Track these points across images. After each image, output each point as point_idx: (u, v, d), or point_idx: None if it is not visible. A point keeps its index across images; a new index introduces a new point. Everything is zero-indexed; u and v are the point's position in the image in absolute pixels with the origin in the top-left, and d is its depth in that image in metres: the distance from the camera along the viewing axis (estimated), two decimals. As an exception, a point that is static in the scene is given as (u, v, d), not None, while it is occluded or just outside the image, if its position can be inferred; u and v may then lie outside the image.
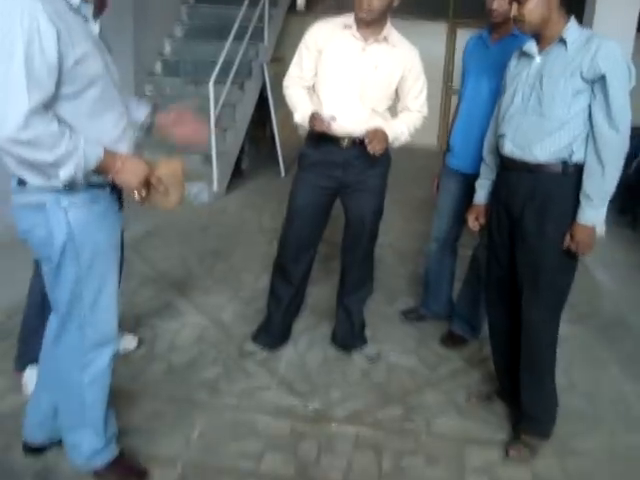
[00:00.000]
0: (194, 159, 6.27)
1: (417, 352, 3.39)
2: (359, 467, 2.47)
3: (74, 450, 2.24)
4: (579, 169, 2.32)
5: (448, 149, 3.42)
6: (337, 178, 2.96)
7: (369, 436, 2.66)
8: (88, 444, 2.20)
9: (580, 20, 5.53)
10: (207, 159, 6.28)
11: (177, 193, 2.07)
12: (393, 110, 3.07)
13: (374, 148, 2.75)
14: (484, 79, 3.15)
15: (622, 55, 2.22)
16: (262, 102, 7.60)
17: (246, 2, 6.78)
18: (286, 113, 8.41)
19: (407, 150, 3.40)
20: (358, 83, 2.85)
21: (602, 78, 2.20)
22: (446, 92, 10.16)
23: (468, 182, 3.13)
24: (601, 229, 5.71)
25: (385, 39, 2.85)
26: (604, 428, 2.80)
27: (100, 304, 2.05)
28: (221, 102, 6.26)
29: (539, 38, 2.38)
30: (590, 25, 5.48)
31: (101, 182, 1.93)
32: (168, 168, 2.05)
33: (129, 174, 1.91)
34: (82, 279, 1.98)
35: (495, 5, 3.00)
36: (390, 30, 2.86)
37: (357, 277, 3.21)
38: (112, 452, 2.28)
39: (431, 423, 2.77)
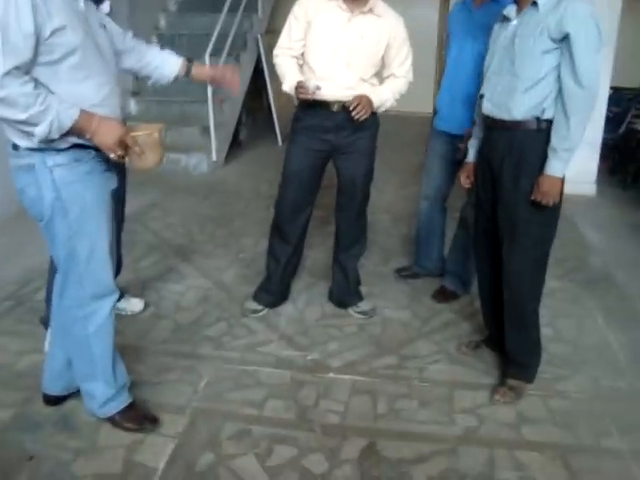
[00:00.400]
0: (192, 131, 6.41)
1: (410, 307, 3.56)
2: (356, 410, 2.64)
3: (89, 398, 2.43)
4: (551, 125, 2.46)
5: (435, 112, 3.56)
6: (329, 141, 3.10)
7: (364, 383, 2.83)
8: (101, 393, 2.39)
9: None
10: (205, 130, 6.41)
11: (153, 155, 2.22)
12: (380, 76, 3.19)
13: (359, 114, 2.89)
14: (467, 43, 3.28)
15: (590, 15, 2.32)
16: (257, 74, 7.71)
17: (239, -26, 6.84)
18: (281, 84, 8.50)
19: (403, 117, 3.55)
20: (345, 52, 2.97)
21: (567, 37, 2.31)
22: (440, 60, 10.22)
23: (454, 142, 3.28)
24: (591, 188, 5.88)
25: (370, 10, 2.96)
26: (587, 373, 2.97)
27: (95, 258, 2.20)
28: (218, 74, 6.34)
29: (519, 2, 2.51)
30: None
31: (84, 143, 2.07)
32: (145, 130, 2.20)
33: (104, 135, 2.03)
34: (74, 235, 2.14)
35: None
36: (376, 1, 2.98)
37: (351, 235, 3.36)
38: (125, 400, 2.46)
39: (423, 370, 2.94)
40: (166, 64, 2.51)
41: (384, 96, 3.07)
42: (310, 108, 3.03)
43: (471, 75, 3.14)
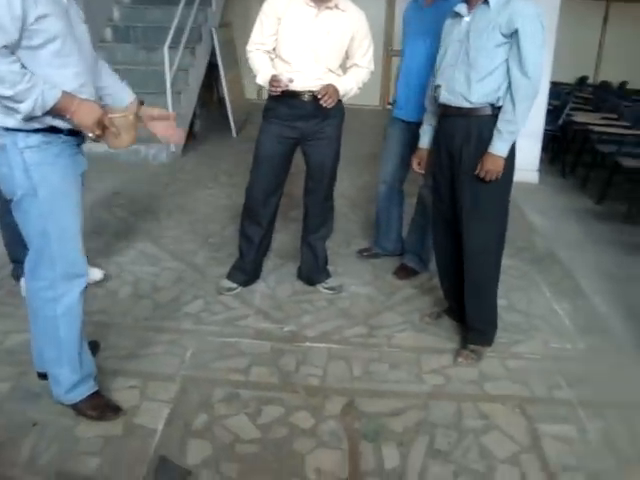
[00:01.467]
0: (151, 122, 6.49)
1: (374, 283, 3.82)
2: (333, 374, 2.89)
3: (55, 384, 2.49)
4: None
5: (393, 101, 3.84)
6: (299, 129, 3.31)
7: (339, 350, 3.07)
8: (66, 378, 2.45)
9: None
10: (164, 121, 6.51)
11: (128, 136, 2.37)
12: (344, 66, 3.43)
13: (326, 102, 3.13)
14: (420, 39, 3.55)
15: (536, 14, 2.62)
16: (210, 67, 7.84)
17: (194, -32, 6.97)
18: (234, 76, 8.71)
19: (354, 110, 3.78)
20: (313, 46, 3.19)
21: (516, 32, 2.60)
22: (387, 54, 10.53)
23: (410, 129, 3.59)
24: (534, 176, 6.26)
25: (336, 6, 3.19)
26: (538, 337, 3.28)
27: (66, 239, 2.29)
28: (175, 67, 6.48)
29: (469, 0, 2.78)
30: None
31: (55, 127, 2.17)
32: (121, 113, 2.37)
33: (84, 115, 2.15)
34: (44, 215, 2.23)
35: None
36: None
37: (319, 217, 3.59)
38: (89, 388, 2.51)
39: (391, 338, 3.20)
40: (118, 95, 2.56)
41: (349, 85, 3.31)
42: (281, 98, 3.24)
43: (424, 67, 3.42)
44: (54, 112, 2.12)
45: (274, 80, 3.13)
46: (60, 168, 2.24)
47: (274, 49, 3.28)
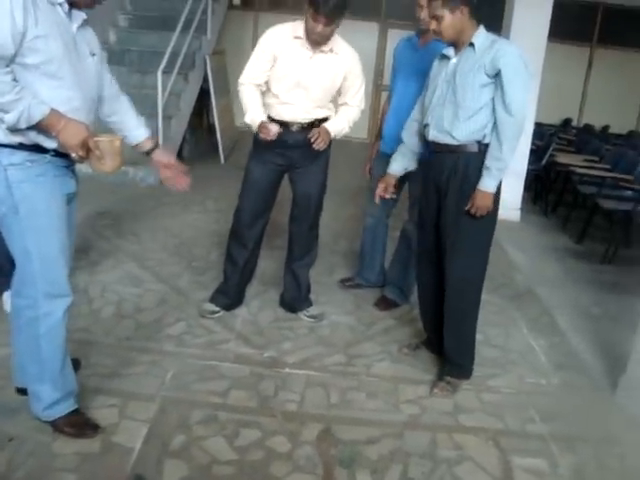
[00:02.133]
0: (141, 144, 6.56)
1: (355, 313, 3.87)
2: (311, 400, 2.92)
3: (35, 400, 2.49)
4: None
5: (381, 137, 3.93)
6: (288, 157, 3.39)
7: (318, 377, 3.11)
8: (47, 395, 2.44)
9: (500, 26, 6.16)
10: (153, 145, 6.58)
11: (111, 161, 2.37)
12: (335, 101, 3.52)
13: (318, 145, 3.25)
14: (412, 78, 3.64)
15: (519, 55, 2.74)
16: (201, 93, 7.94)
17: (191, -5, 7.10)
18: (225, 104, 8.81)
19: (341, 143, 3.84)
20: (305, 85, 3.27)
21: (499, 72, 2.71)
22: (376, 89, 10.71)
23: None
24: (516, 214, 6.37)
25: (330, 50, 3.28)
26: (514, 372, 3.35)
27: (47, 259, 2.30)
28: (168, 91, 6.58)
29: (455, 44, 2.89)
30: (508, 32, 6.09)
31: (40, 146, 2.19)
32: (107, 137, 2.37)
33: (69, 135, 2.16)
34: (24, 233, 2.25)
35: (422, 15, 3.54)
36: (335, 40, 3.29)
37: (304, 245, 3.65)
38: (69, 406, 2.52)
39: (370, 367, 3.25)
40: (135, 130, 2.62)
41: (340, 126, 3.41)
42: None
43: (414, 106, 3.51)
44: (40, 127, 2.14)
45: (263, 128, 3.22)
46: (42, 187, 2.25)
47: (266, 82, 3.36)
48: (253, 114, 3.31)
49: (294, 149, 3.36)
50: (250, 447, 2.55)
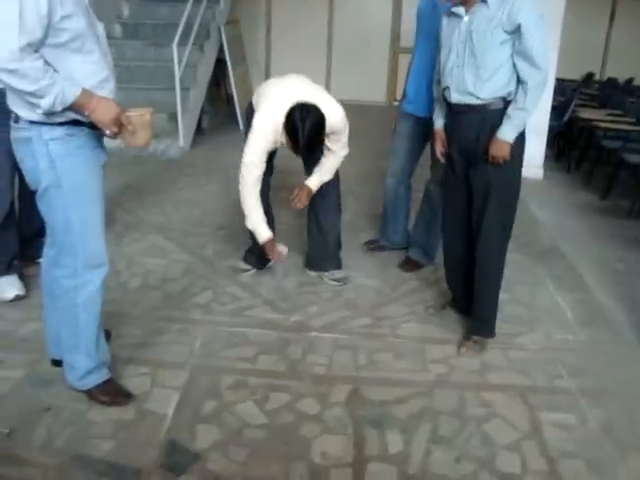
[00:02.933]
0: (160, 118, 6.57)
1: (380, 276, 3.89)
2: (339, 362, 2.95)
3: (70, 369, 2.56)
4: None
5: (404, 97, 3.89)
6: None
7: (345, 340, 3.14)
8: (82, 365, 2.51)
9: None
10: (172, 117, 6.62)
11: (144, 134, 2.43)
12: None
13: (295, 205, 3.51)
14: (432, 37, 3.56)
15: (534, 8, 2.71)
16: (217, 63, 7.91)
17: (203, -35, 7.04)
18: (242, 72, 8.76)
19: (360, 106, 3.85)
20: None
21: (519, 28, 2.67)
22: (393, 52, 10.57)
23: (420, 124, 3.66)
24: (538, 172, 6.31)
25: None
26: (540, 329, 3.34)
27: (88, 229, 2.38)
28: (184, 63, 6.56)
29: (466, 2, 2.83)
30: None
31: (78, 120, 2.23)
32: (138, 112, 2.41)
33: (102, 113, 2.21)
34: (67, 205, 2.31)
35: None
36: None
37: (326, 203, 3.69)
38: (103, 375, 2.59)
39: (396, 328, 3.27)
40: None
41: (323, 179, 3.53)
42: None
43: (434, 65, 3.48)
44: (73, 108, 2.19)
45: (273, 251, 3.43)
46: (83, 160, 2.32)
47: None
48: (260, 230, 3.42)
49: None
50: (280, 410, 2.59)
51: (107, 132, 2.29)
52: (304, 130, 3.11)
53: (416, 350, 3.08)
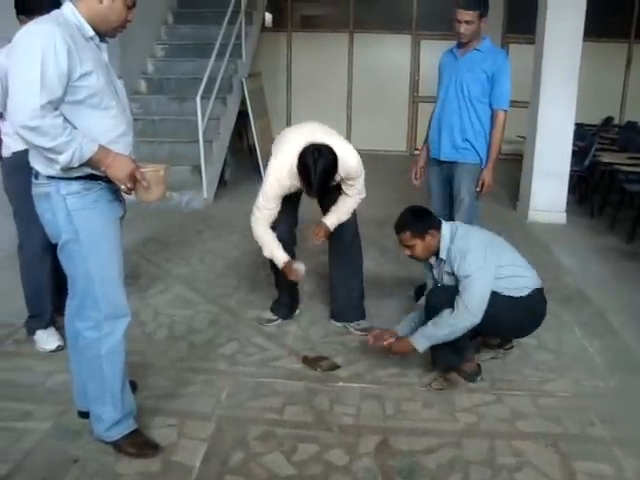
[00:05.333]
0: (184, 170, 6.71)
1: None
2: (367, 412, 2.93)
3: (97, 421, 2.57)
4: None
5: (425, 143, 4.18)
6: None
7: (372, 390, 3.12)
8: (108, 416, 2.52)
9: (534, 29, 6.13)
10: (195, 169, 6.73)
11: (157, 190, 2.48)
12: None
13: (315, 241, 3.56)
14: (452, 84, 3.86)
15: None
16: (240, 115, 8.06)
17: (225, 21, 7.22)
18: (264, 124, 8.90)
19: (380, 156, 3.91)
20: None
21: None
22: (413, 101, 10.70)
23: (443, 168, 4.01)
24: (561, 217, 6.30)
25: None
26: (569, 376, 3.29)
27: (108, 281, 2.42)
28: (207, 116, 6.69)
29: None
30: (542, 35, 6.09)
31: (94, 174, 2.29)
32: (152, 168, 2.48)
33: (118, 169, 2.27)
34: (86, 257, 2.36)
35: (462, 29, 3.76)
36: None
37: (346, 255, 3.73)
38: (129, 426, 2.58)
39: (423, 377, 3.23)
40: None
41: (342, 218, 3.56)
42: None
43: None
44: (90, 164, 2.24)
45: (290, 271, 3.46)
46: (99, 213, 2.37)
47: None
48: (274, 252, 3.47)
49: None
50: (308, 461, 2.57)
51: (122, 187, 2.33)
52: (316, 170, 3.14)
53: (444, 399, 3.04)
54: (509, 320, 3.08)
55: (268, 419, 2.86)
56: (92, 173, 2.29)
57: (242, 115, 8.11)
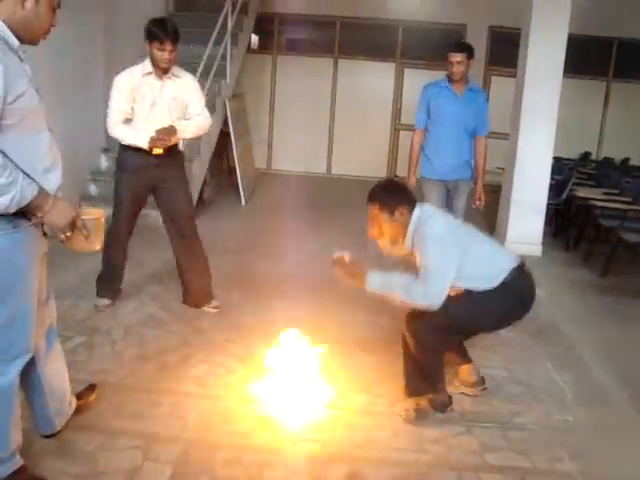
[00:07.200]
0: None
1: (377, 352, 3.81)
2: (336, 440, 2.90)
3: None
4: None
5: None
6: (153, 176, 4.04)
7: (342, 417, 3.09)
8: None
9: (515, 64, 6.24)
10: (174, 188, 6.67)
11: (97, 239, 2.33)
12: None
13: (164, 139, 3.89)
14: (459, 121, 4.69)
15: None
16: (220, 135, 8.05)
17: (211, 42, 7.23)
18: (245, 146, 8.90)
19: (361, 182, 3.90)
20: (166, 110, 4.01)
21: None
22: (395, 129, 10.79)
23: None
24: (537, 249, 6.35)
25: (173, 74, 4.04)
26: (539, 409, 3.29)
27: (16, 322, 2.21)
28: (188, 135, 6.66)
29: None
30: (523, 70, 6.19)
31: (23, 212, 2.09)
32: (93, 215, 2.33)
33: (58, 215, 2.12)
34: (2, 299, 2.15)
35: (454, 69, 4.57)
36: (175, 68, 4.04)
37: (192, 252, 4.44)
38: (16, 463, 2.35)
39: (394, 406, 3.20)
40: None
41: (184, 125, 4.07)
42: (136, 150, 3.97)
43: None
44: (28, 208, 2.07)
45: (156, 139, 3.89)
46: (24, 252, 2.18)
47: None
48: (136, 138, 3.95)
49: (158, 167, 4.04)
50: (275, 488, 2.53)
51: (61, 236, 2.18)
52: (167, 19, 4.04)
53: (414, 429, 3.02)
54: (496, 313, 3.07)
55: (235, 444, 2.82)
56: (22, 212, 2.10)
57: (223, 135, 8.11)
